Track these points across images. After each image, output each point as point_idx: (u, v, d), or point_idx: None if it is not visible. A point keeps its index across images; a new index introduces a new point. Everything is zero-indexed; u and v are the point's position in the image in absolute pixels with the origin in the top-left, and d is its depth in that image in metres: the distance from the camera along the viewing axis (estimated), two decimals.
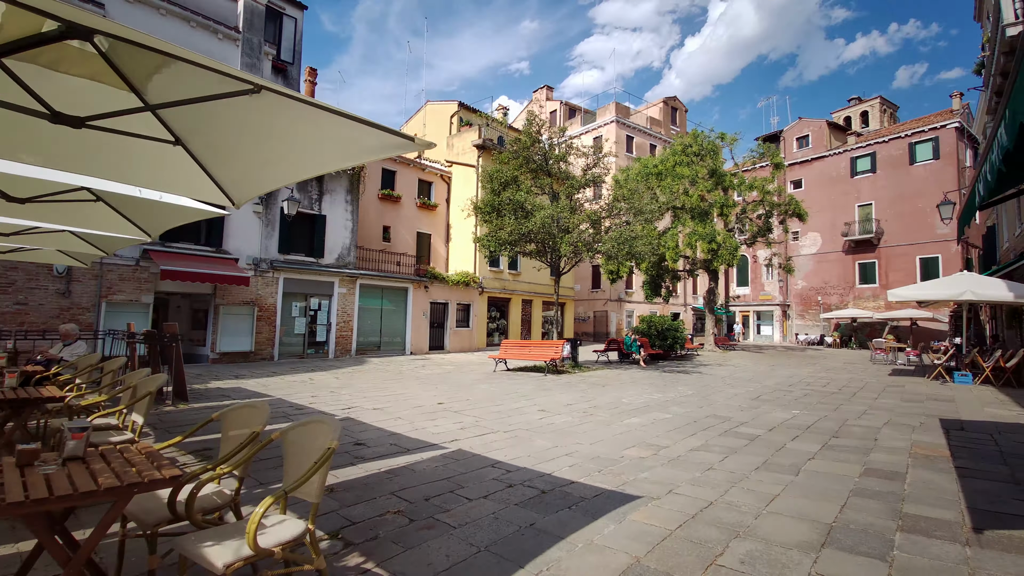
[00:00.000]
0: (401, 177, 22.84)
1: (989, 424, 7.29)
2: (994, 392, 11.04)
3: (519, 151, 13.27)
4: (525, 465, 4.86)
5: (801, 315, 37.08)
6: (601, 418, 7.32)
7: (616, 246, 12.40)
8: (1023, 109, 2.31)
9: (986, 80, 15.53)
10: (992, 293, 11.99)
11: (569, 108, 38.17)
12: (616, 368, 15.19)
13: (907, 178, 32.30)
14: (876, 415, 7.91)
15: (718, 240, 21.28)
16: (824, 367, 17.01)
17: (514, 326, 24.83)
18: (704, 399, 9.35)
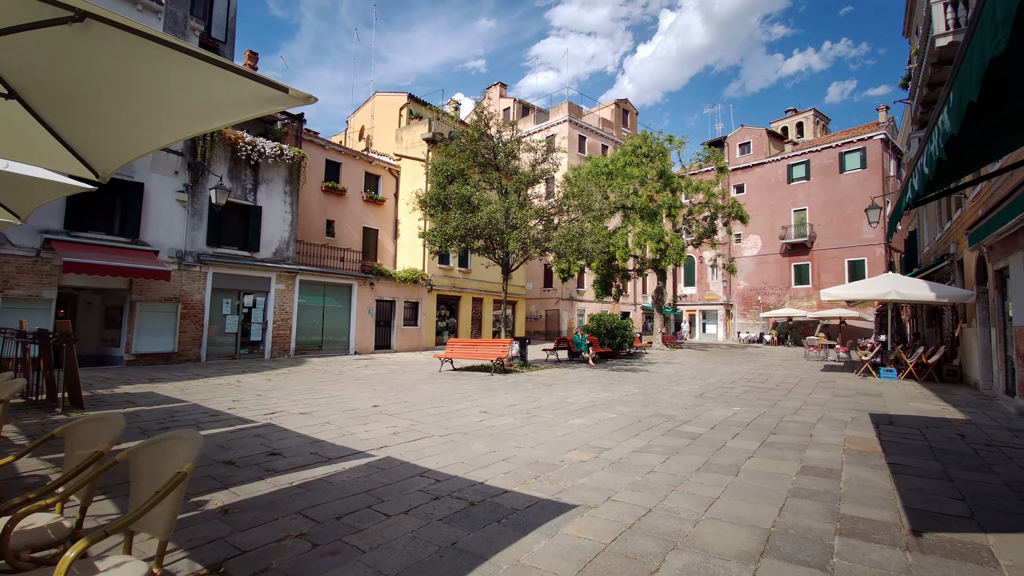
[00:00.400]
0: (347, 169, 21.86)
1: (916, 419, 7.57)
2: (917, 387, 11.66)
3: (467, 144, 12.84)
4: (457, 473, 4.48)
5: (743, 314, 38.66)
6: (544, 419, 7.05)
7: (564, 243, 12.22)
8: (970, 89, 2.16)
9: (912, 92, 16.52)
10: (915, 293, 12.70)
11: (523, 106, 38.05)
12: (565, 367, 15.07)
13: (837, 185, 34.29)
14: (811, 411, 8.07)
15: (666, 240, 21.68)
16: (763, 364, 17.61)
17: (464, 324, 24.36)
18: (650, 398, 9.29)
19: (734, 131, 40.98)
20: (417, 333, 21.67)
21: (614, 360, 18.11)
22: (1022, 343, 8.61)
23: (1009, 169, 6.24)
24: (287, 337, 16.70)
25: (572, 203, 13.17)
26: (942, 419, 7.61)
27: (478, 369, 13.41)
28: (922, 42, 14.06)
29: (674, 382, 11.75)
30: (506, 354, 12.21)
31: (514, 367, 13.81)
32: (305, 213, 19.84)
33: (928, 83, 13.59)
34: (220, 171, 15.27)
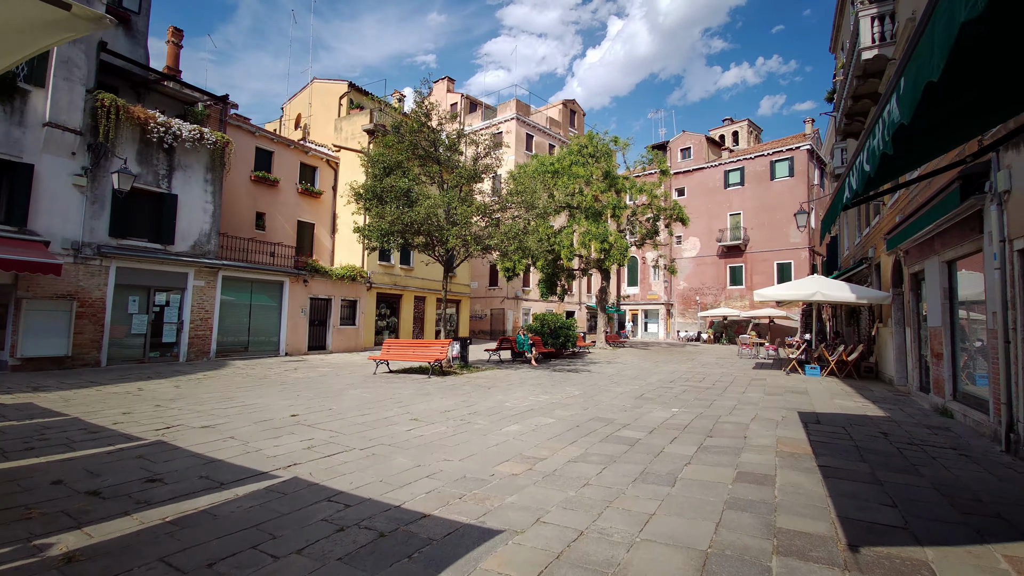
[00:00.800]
0: (280, 159, 20.46)
1: (840, 416, 7.78)
2: (839, 384, 12.22)
3: (406, 134, 12.17)
4: (372, 495, 3.97)
5: (682, 313, 40.02)
6: (479, 426, 6.63)
7: (507, 241, 11.85)
8: (928, 70, 1.94)
9: (837, 104, 17.45)
10: (838, 294, 13.35)
11: (470, 102, 37.45)
12: (507, 368, 14.74)
13: (768, 192, 36.15)
14: (745, 410, 8.13)
15: (610, 240, 21.87)
16: (701, 362, 18.07)
17: (406, 324, 23.53)
18: (590, 400, 9.09)
19: (676, 136, 42.34)
20: (355, 333, 20.64)
21: (557, 360, 17.99)
22: (936, 342, 9.11)
23: (928, 176, 6.46)
24: (206, 338, 15.32)
25: (516, 200, 12.82)
26: (864, 416, 7.87)
27: (416, 371, 12.79)
28: (848, 56, 14.83)
29: (615, 383, 11.69)
30: (444, 355, 11.69)
31: (454, 368, 13.30)
32: (231, 204, 18.37)
33: (853, 95, 14.34)
34: (127, 154, 13.73)
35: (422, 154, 12.42)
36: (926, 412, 8.45)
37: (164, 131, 14.31)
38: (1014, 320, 5.99)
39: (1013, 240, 6.00)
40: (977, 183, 6.79)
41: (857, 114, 15.38)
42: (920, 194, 9.97)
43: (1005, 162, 6.15)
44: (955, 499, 3.96)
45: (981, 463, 5.19)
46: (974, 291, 7.96)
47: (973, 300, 7.93)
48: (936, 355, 9.03)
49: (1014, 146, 5.91)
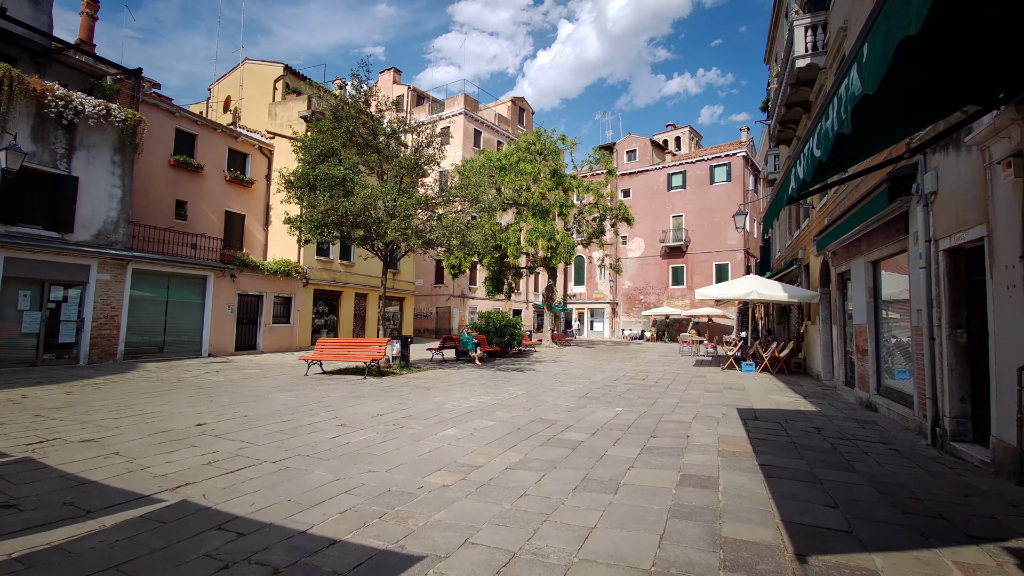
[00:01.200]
0: (204, 143, 18.85)
1: (776, 412, 7.89)
2: (772, 379, 12.63)
3: (342, 120, 11.37)
4: (275, 519, 3.42)
5: (627, 312, 40.90)
6: (413, 431, 6.14)
7: (449, 235, 11.32)
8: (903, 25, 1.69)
9: (771, 112, 18.18)
10: (771, 293, 13.83)
11: (417, 95, 36.48)
12: (450, 367, 14.23)
13: (708, 196, 37.59)
14: (686, 408, 8.10)
15: (557, 238, 21.81)
16: (644, 360, 18.32)
17: (345, 322, 22.45)
18: (533, 400, 8.79)
19: (622, 139, 43.21)
20: (289, 332, 19.39)
21: (503, 359, 17.66)
22: (861, 339, 9.51)
23: (862, 174, 6.60)
24: (113, 338, 13.78)
25: (460, 193, 12.30)
26: (797, 411, 8.04)
27: (352, 372, 12.03)
28: (782, 65, 15.42)
29: (560, 382, 11.48)
30: (382, 355, 11.03)
31: (393, 369, 12.65)
32: (146, 190, 16.70)
33: (786, 103, 14.91)
34: (20, 129, 12.07)
35: (360, 142, 11.64)
36: (852, 406, 8.77)
37: (64, 105, 12.71)
38: (938, 318, 6.21)
39: (939, 240, 6.21)
40: (904, 185, 7.04)
41: (789, 121, 16.06)
42: (848, 197, 10.41)
43: (932, 164, 6.37)
44: (894, 498, 3.92)
45: (911, 458, 5.29)
46: (897, 290, 8.33)
47: (896, 299, 8.30)
48: (861, 351, 9.42)
49: (942, 148, 6.11)
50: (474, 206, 12.16)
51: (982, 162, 5.21)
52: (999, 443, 4.81)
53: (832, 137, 2.60)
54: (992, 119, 4.80)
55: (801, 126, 15.51)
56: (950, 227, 5.93)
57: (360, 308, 23.62)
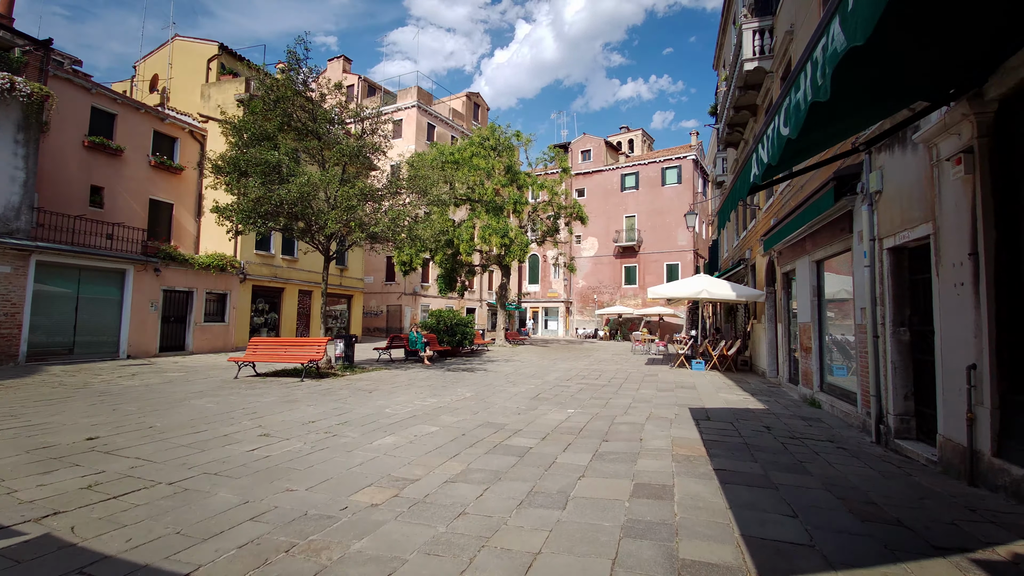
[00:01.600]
0: (125, 123, 17.19)
1: (726, 411, 7.82)
2: (721, 377, 12.76)
3: (278, 100, 10.46)
4: (152, 559, 2.80)
5: (581, 311, 41.19)
6: (346, 440, 5.55)
7: (394, 227, 10.65)
8: None
9: (720, 115, 18.56)
10: (721, 292, 14.02)
11: (368, 85, 35.19)
12: (397, 368, 13.56)
13: (660, 197, 38.41)
14: (639, 409, 7.90)
15: (511, 235, 21.45)
16: (597, 359, 18.27)
17: (288, 321, 21.20)
18: (482, 402, 8.35)
19: (577, 138, 43.49)
20: (224, 331, 18.03)
21: (454, 359, 17.12)
22: (805, 337, 9.66)
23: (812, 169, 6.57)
24: (13, 338, 12.22)
25: (407, 185, 11.62)
26: (747, 410, 8.01)
27: (289, 374, 11.16)
28: (731, 69, 15.71)
29: (511, 382, 11.10)
30: (322, 355, 10.27)
31: (335, 370, 11.87)
32: (56, 174, 15.01)
33: (734, 106, 15.20)
34: None
35: (299, 127, 10.76)
36: (797, 403, 8.87)
37: None
38: (882, 316, 6.25)
39: (883, 239, 6.24)
40: (849, 184, 7.10)
41: (737, 124, 16.40)
42: (793, 198, 10.60)
43: (877, 163, 6.41)
44: (851, 503, 3.75)
45: (860, 457, 5.23)
46: (841, 289, 8.47)
47: (840, 298, 8.44)
48: (805, 349, 9.57)
49: (887, 147, 6.14)
50: (423, 199, 11.53)
51: (929, 160, 5.21)
52: (946, 442, 4.80)
53: (804, 109, 2.30)
54: (941, 116, 4.78)
55: (748, 129, 15.86)
56: (895, 226, 5.96)
57: (304, 306, 22.39)
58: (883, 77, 3.02)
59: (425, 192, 11.42)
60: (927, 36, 2.42)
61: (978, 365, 4.36)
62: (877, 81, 3.03)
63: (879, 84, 3.17)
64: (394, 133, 33.39)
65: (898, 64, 2.98)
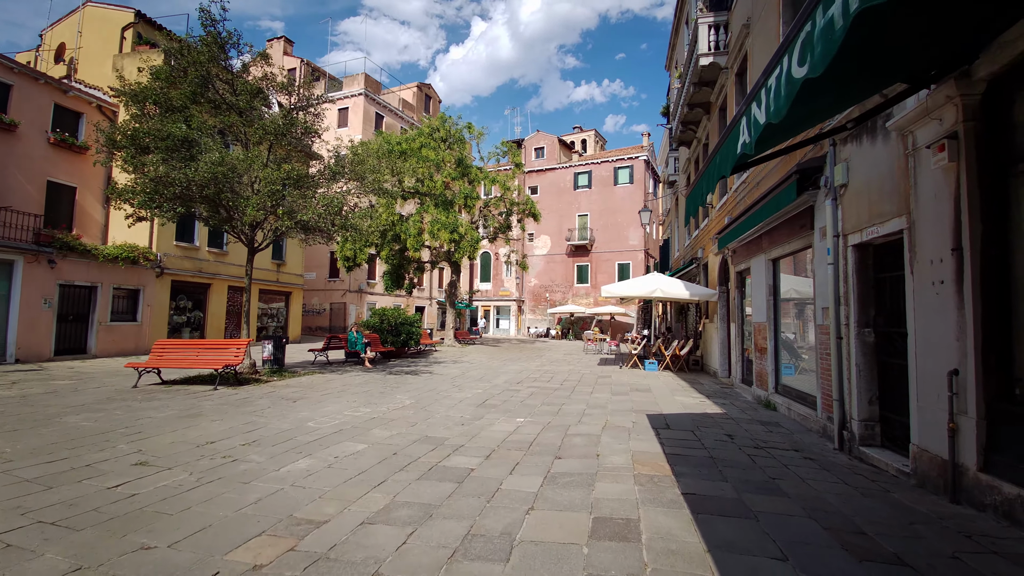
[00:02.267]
0: (22, 96, 14.96)
1: (685, 417, 7.35)
2: (675, 378, 12.48)
3: (188, 66, 9.06)
4: None
5: (533, 310, 40.80)
6: (248, 466, 4.57)
7: (326, 216, 9.51)
8: None
9: (673, 113, 18.47)
10: (675, 291, 13.78)
11: (312, 70, 33.16)
12: (334, 372, 12.40)
13: (612, 196, 38.59)
14: (594, 416, 7.30)
15: (460, 231, 20.55)
16: (549, 359, 17.73)
17: (216, 320, 19.36)
18: (422, 411, 7.49)
19: (531, 135, 43.05)
20: (135, 331, 16.11)
21: (398, 360, 16.07)
22: (760, 337, 9.42)
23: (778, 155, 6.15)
24: None
25: (342, 170, 10.48)
26: (705, 415, 7.59)
27: (204, 380, 9.80)
28: (685, 66, 15.55)
29: (457, 386, 10.28)
30: (240, 359, 9.04)
31: (261, 375, 10.61)
32: None
33: (688, 103, 15.03)
34: None
35: (215, 98, 9.41)
36: (752, 405, 8.59)
37: None
38: (846, 316, 5.92)
39: (848, 235, 5.91)
40: (812, 178, 6.78)
41: (691, 122, 16.30)
42: (749, 195, 10.40)
43: (843, 155, 6.08)
44: (839, 535, 3.23)
45: (831, 470, 4.81)
46: (798, 288, 8.23)
47: (798, 297, 8.20)
48: (760, 350, 9.33)
49: (854, 138, 5.80)
50: (361, 185, 10.42)
51: (904, 149, 4.85)
52: (922, 453, 4.43)
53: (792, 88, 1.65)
54: (920, 101, 4.41)
55: (702, 127, 15.77)
56: (861, 221, 5.62)
57: (235, 303, 20.56)
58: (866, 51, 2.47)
59: (363, 178, 10.31)
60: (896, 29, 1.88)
61: (961, 370, 3.99)
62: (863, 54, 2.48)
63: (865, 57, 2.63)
64: (339, 122, 31.62)
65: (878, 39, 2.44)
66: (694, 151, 17.46)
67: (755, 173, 9.86)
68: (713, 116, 14.23)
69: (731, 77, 11.96)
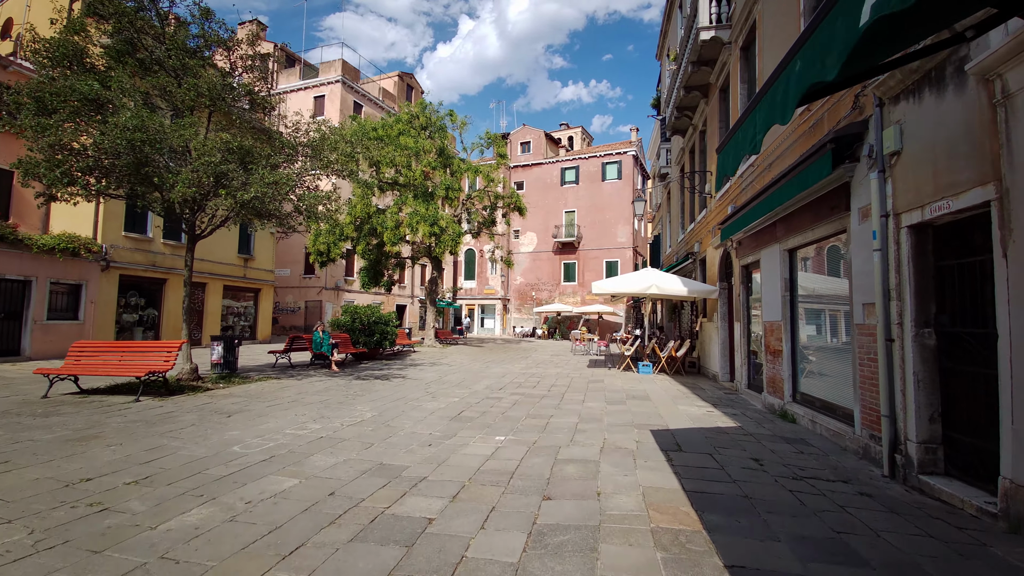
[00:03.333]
0: None
1: (696, 434, 6.21)
2: (672, 382, 11.39)
3: (110, 16, 7.63)
4: None
5: (518, 309, 39.62)
6: (111, 522, 3.27)
7: (272, 195, 8.09)
8: None
9: (667, 101, 17.39)
10: (671, 288, 12.69)
11: (287, 55, 31.53)
12: (293, 376, 11.06)
13: (600, 193, 37.58)
14: (589, 434, 6.13)
15: (441, 224, 19.24)
16: (535, 361, 16.57)
17: (173, 318, 17.79)
18: (383, 427, 6.24)
19: (517, 129, 41.86)
20: (77, 331, 14.52)
21: (371, 362, 14.74)
22: (773, 338, 8.36)
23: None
24: None
25: (300, 141, 9.05)
26: (718, 429, 6.48)
27: (131, 389, 8.35)
28: (682, 47, 14.51)
29: (431, 394, 9.03)
30: (169, 364, 7.65)
31: (203, 382, 9.24)
32: None
33: (685, 85, 13.96)
34: None
35: (143, 57, 7.99)
36: (766, 416, 7.51)
37: None
38: (899, 313, 4.84)
39: (901, 214, 4.82)
40: (849, 149, 5.70)
41: (687, 108, 15.25)
42: (758, 179, 9.33)
43: (894, 116, 4.98)
44: None
45: (901, 512, 3.70)
46: (823, 282, 7.17)
47: (824, 292, 7.13)
48: (773, 352, 8.27)
49: (910, 93, 4.70)
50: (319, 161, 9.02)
51: (988, 97, 3.75)
52: (1019, 490, 3.34)
53: None
54: (1011, 34, 3.32)
55: (698, 113, 14.71)
56: (923, 195, 4.51)
57: (197, 301, 18.99)
58: None
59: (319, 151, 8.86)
60: None
61: None
62: None
63: None
64: (315, 111, 30.03)
65: None
66: (689, 140, 16.43)
67: (767, 154, 8.80)
68: (712, 99, 13.18)
69: (735, 53, 10.89)
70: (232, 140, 7.60)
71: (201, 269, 18.89)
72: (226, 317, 20.68)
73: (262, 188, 7.62)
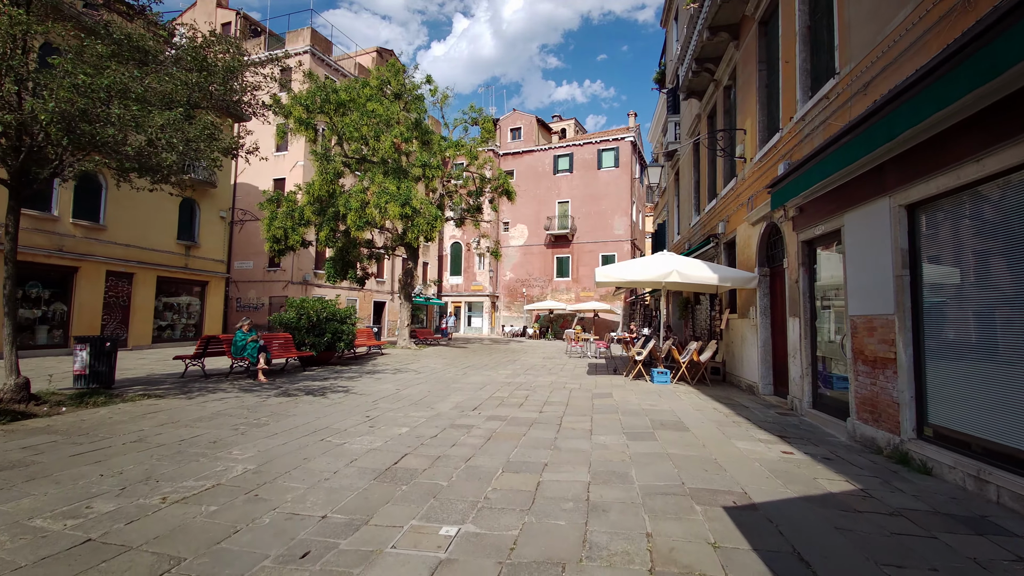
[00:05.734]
0: None
1: (805, 513, 3.45)
2: (700, 397, 8.67)
3: None
4: None
5: (508, 306, 36.86)
6: None
7: (133, 126, 5.23)
8: None
9: (681, 57, 14.67)
10: (697, 275, 9.97)
11: (250, 24, 28.46)
12: (192, 392, 8.17)
13: (595, 181, 34.92)
14: (615, 523, 3.35)
15: (414, 204, 16.37)
16: (525, 366, 13.79)
17: (88, 315, 14.79)
18: (250, 503, 3.42)
19: (507, 114, 39.16)
20: None
21: (320, 369, 11.87)
22: (870, 339, 5.68)
23: None
24: None
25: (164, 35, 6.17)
26: (827, 499, 3.74)
27: None
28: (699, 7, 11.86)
29: (370, 421, 6.23)
30: None
31: (38, 403, 6.38)
32: None
33: (711, 25, 11.26)
34: None
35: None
36: (871, 460, 4.79)
37: None
38: None
39: None
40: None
41: (709, 58, 12.53)
42: (836, 116, 6.65)
43: None
44: None
45: None
46: (975, 251, 4.48)
47: (981, 270, 4.43)
48: (872, 360, 5.57)
49: None
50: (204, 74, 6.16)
51: None
52: None
53: None
54: None
55: (724, 64, 11.98)
56: None
57: (120, 294, 16.00)
58: None
59: (204, 61, 6.03)
60: None
61: None
62: None
63: None
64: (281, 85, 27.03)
65: None
66: (708, 101, 13.74)
67: (856, 73, 6.09)
68: (745, 40, 10.49)
69: None
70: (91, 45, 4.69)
71: (127, 256, 15.90)
72: (162, 314, 17.67)
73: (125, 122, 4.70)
